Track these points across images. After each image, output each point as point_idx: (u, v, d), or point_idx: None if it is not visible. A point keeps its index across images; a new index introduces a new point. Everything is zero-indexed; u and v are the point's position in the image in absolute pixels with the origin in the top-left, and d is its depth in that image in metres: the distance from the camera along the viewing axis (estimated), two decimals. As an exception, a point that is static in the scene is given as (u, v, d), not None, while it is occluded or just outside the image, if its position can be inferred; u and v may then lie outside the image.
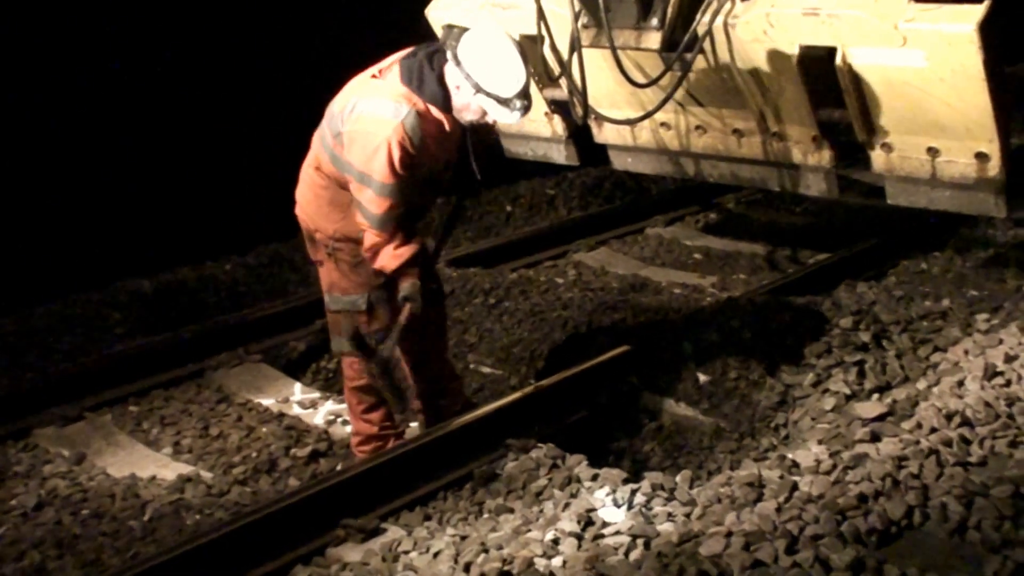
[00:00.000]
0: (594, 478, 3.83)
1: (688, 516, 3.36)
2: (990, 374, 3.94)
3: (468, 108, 3.68)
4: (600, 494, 3.66)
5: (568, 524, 3.35)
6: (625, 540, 3.20)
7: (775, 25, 4.35)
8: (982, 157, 4.18)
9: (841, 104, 4.41)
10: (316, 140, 3.99)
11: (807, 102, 4.50)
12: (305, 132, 4.06)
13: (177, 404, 4.97)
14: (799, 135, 4.70)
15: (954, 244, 6.32)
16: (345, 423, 4.69)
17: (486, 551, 3.30)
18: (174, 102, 6.70)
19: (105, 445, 4.60)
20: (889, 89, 4.20)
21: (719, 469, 4.22)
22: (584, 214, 7.45)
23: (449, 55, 3.60)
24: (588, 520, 3.39)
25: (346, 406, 4.47)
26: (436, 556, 3.39)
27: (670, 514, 3.41)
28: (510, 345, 5.33)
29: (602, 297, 5.79)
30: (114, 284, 6.18)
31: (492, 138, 3.80)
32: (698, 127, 5.08)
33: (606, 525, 3.36)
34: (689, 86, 4.84)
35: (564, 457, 4.04)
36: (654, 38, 4.68)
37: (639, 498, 3.58)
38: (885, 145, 4.42)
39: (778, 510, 3.20)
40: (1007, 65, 4.08)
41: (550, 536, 3.29)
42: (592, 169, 7.71)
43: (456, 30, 3.65)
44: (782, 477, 3.45)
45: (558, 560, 3.14)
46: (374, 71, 3.79)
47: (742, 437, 4.43)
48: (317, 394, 5.02)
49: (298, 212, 4.10)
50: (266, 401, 4.96)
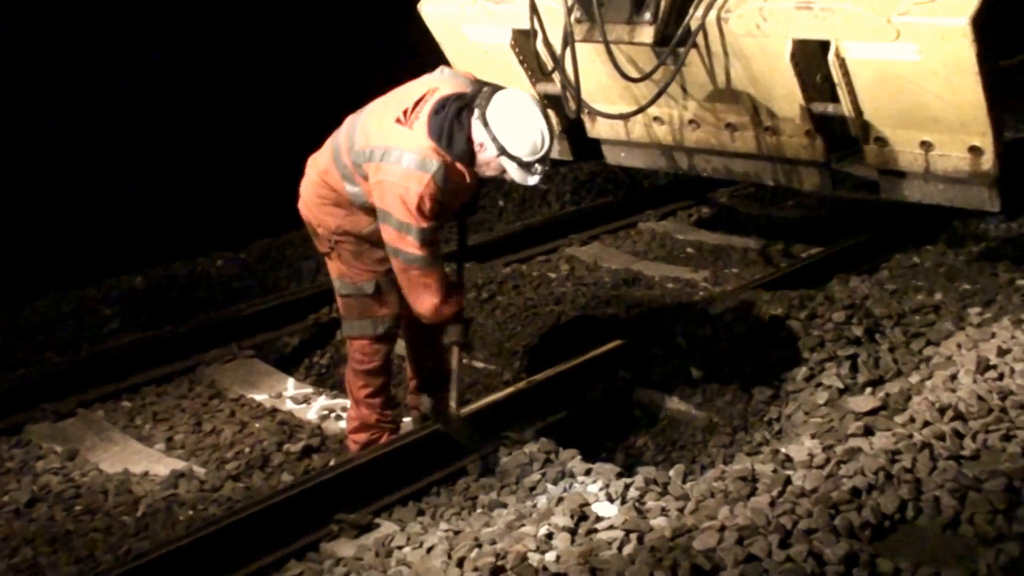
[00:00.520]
0: (587, 472, 3.84)
1: (681, 510, 3.36)
2: (983, 368, 3.95)
3: (489, 165, 3.76)
4: (593, 488, 3.67)
5: (561, 518, 3.35)
6: (618, 534, 3.20)
7: (768, 19, 4.35)
8: (975, 151, 4.19)
9: (834, 98, 4.41)
10: (329, 151, 3.98)
11: (800, 96, 4.50)
12: (300, 130, 4.06)
13: (170, 400, 4.96)
14: (792, 129, 4.70)
15: (946, 238, 6.32)
16: (338, 418, 4.68)
17: (479, 546, 3.30)
18: (169, 99, 6.68)
19: (98, 441, 4.58)
20: (882, 83, 4.20)
21: (712, 463, 4.22)
22: (576, 209, 7.44)
23: (477, 114, 3.66)
24: (581, 514, 3.39)
25: (345, 396, 4.47)
26: (429, 551, 3.39)
27: (663, 508, 3.41)
28: (503, 340, 5.33)
29: (595, 292, 5.80)
30: (107, 280, 6.17)
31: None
32: (691, 121, 5.08)
33: (599, 519, 3.37)
34: (682, 80, 4.84)
35: (557, 451, 4.05)
36: (647, 32, 4.67)
37: (632, 492, 3.59)
38: (878, 139, 4.42)
39: (771, 504, 3.20)
40: (1000, 59, 4.08)
41: (543, 531, 3.29)
42: (584, 164, 7.68)
43: (487, 89, 3.73)
44: (775, 471, 3.45)
45: (551, 554, 3.14)
46: (398, 113, 3.76)
47: (735, 431, 4.43)
48: (310, 389, 5.01)
49: (300, 207, 4.13)
50: (259, 397, 4.95)
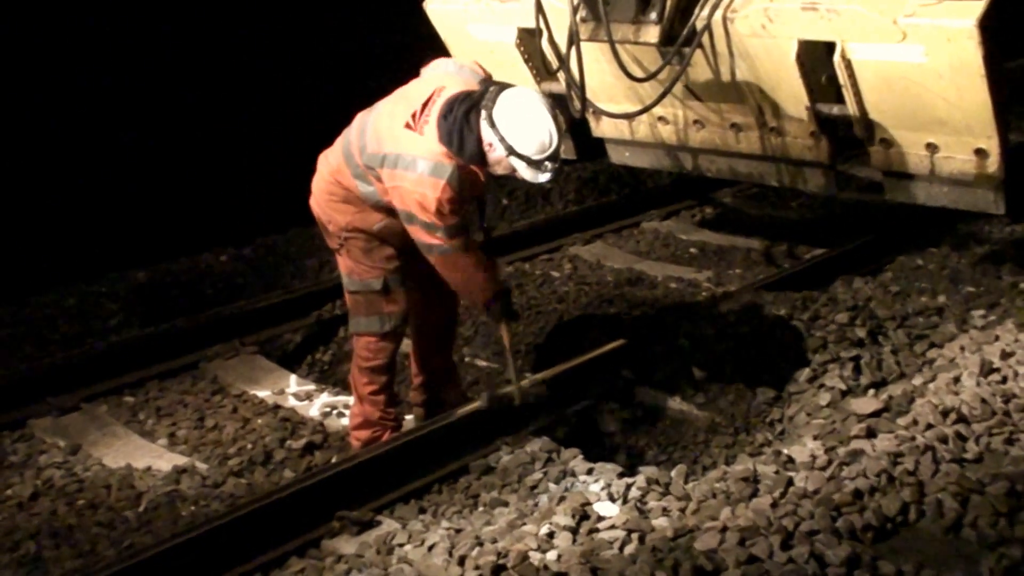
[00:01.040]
0: (589, 472, 3.84)
1: (683, 511, 3.36)
2: (986, 370, 3.94)
3: (500, 164, 3.80)
4: (595, 488, 3.67)
5: (563, 518, 3.35)
6: (620, 534, 3.20)
7: (774, 20, 4.34)
8: (981, 153, 4.18)
9: (840, 99, 4.41)
10: (340, 149, 4.00)
11: (806, 97, 4.50)
12: (302, 128, 4.06)
13: (173, 395, 4.96)
14: (797, 130, 4.70)
15: (950, 240, 6.30)
16: (340, 415, 4.68)
17: (481, 544, 3.30)
18: (172, 97, 6.69)
19: (101, 436, 4.59)
20: (888, 84, 4.19)
21: (714, 464, 4.22)
22: (580, 208, 7.43)
23: (484, 115, 3.68)
24: (583, 514, 3.39)
25: (347, 393, 4.47)
26: (431, 549, 3.39)
27: (665, 508, 3.41)
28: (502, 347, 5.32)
29: (598, 291, 5.79)
30: (110, 275, 6.18)
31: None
32: (696, 122, 5.08)
33: (601, 519, 3.37)
34: (687, 80, 4.83)
35: (559, 451, 4.05)
36: (652, 32, 4.67)
37: (634, 492, 3.59)
38: (884, 141, 4.42)
39: (773, 505, 3.20)
40: (1006, 61, 4.07)
41: (545, 530, 3.29)
42: (588, 163, 7.69)
43: (493, 88, 3.74)
44: (777, 472, 3.45)
45: (553, 554, 3.14)
46: (407, 117, 3.79)
47: (737, 432, 4.43)
48: (312, 386, 5.01)
49: (312, 203, 4.15)
50: (261, 393, 4.95)
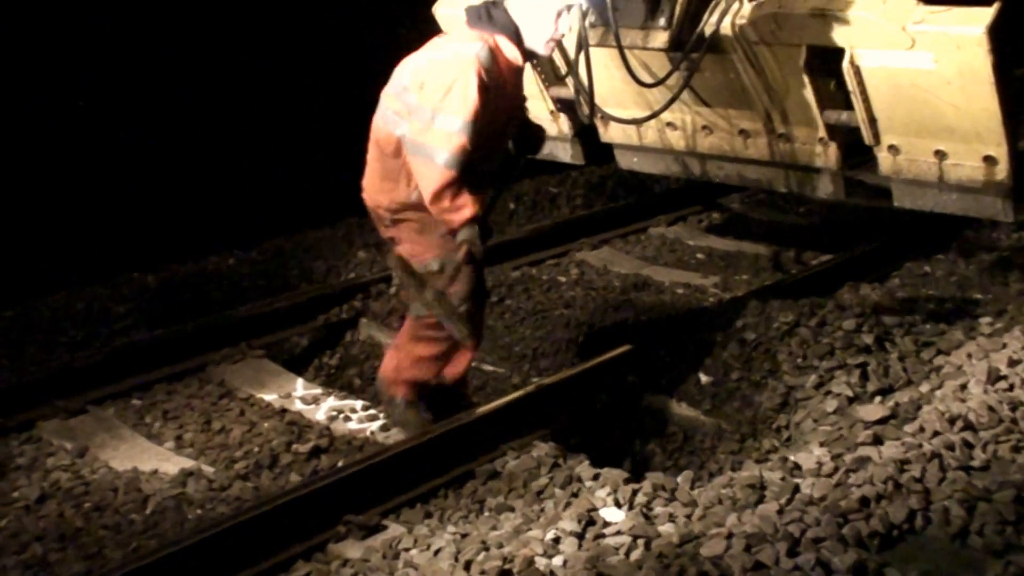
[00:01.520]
0: (595, 478, 3.83)
1: (689, 517, 3.35)
2: (993, 378, 3.93)
3: (542, 19, 3.61)
4: (601, 494, 3.66)
5: (569, 523, 3.34)
6: (626, 540, 3.19)
7: (783, 26, 4.34)
8: (990, 160, 4.17)
9: (848, 105, 4.41)
10: (379, 114, 3.90)
11: (814, 103, 4.50)
12: (307, 130, 4.05)
13: (179, 398, 4.96)
14: (806, 136, 4.70)
15: (958, 247, 6.30)
16: (347, 419, 4.68)
17: (487, 549, 3.30)
18: (177, 99, 6.70)
19: (108, 438, 4.59)
20: (897, 91, 4.19)
21: (720, 470, 4.21)
22: (587, 213, 7.42)
23: None
24: (589, 520, 3.38)
25: (353, 397, 4.53)
26: (437, 554, 3.39)
27: (671, 515, 3.40)
28: (512, 343, 5.33)
29: (604, 296, 5.79)
30: (118, 278, 6.19)
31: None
32: (704, 127, 5.08)
33: (607, 525, 3.36)
34: (696, 86, 4.84)
35: (565, 456, 4.04)
36: (661, 38, 4.68)
37: (640, 498, 3.58)
38: (892, 147, 4.41)
39: (779, 512, 3.19)
40: (1015, 68, 4.07)
41: (551, 535, 3.29)
42: (595, 168, 7.69)
43: None
44: (784, 479, 3.44)
45: (559, 559, 3.14)
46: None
47: (744, 438, 4.42)
48: (319, 390, 5.02)
49: (364, 198, 4.06)
50: (268, 396, 4.96)
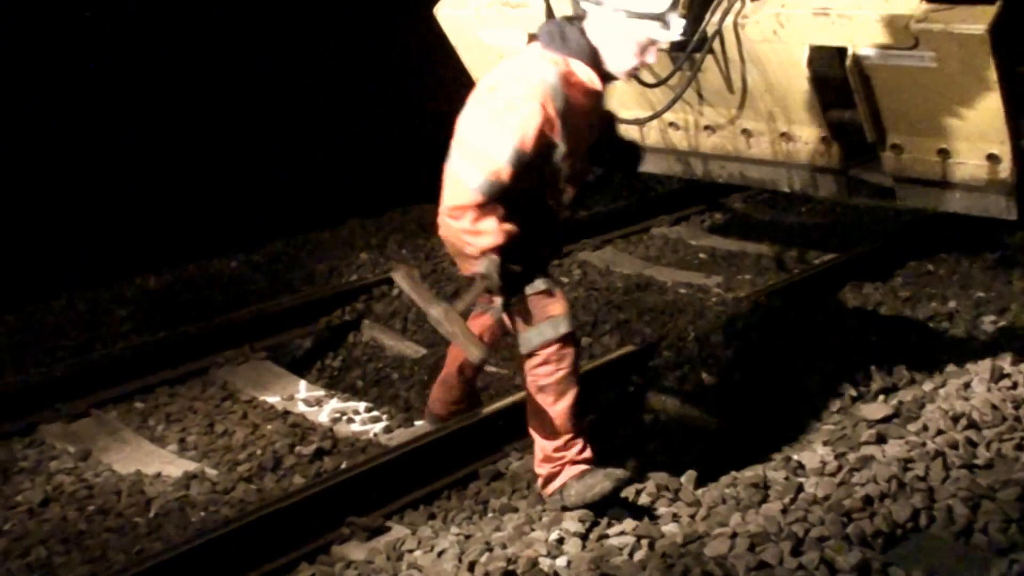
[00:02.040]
0: (599, 478, 3.82)
1: (693, 517, 3.35)
2: (997, 376, 3.93)
3: (623, 48, 3.33)
4: (605, 494, 3.65)
5: (572, 524, 3.35)
6: (629, 540, 3.20)
7: (785, 25, 4.34)
8: (993, 159, 4.16)
9: (851, 105, 4.39)
10: (444, 189, 3.40)
11: (817, 102, 4.49)
12: (310, 132, 4.02)
13: (183, 401, 4.97)
14: (808, 136, 4.69)
15: (961, 245, 6.30)
16: (350, 421, 4.68)
17: (490, 550, 3.30)
18: (178, 100, 6.71)
19: (111, 441, 4.59)
20: (899, 90, 4.18)
21: (724, 470, 4.21)
22: (589, 213, 7.42)
23: (587, 2, 3.30)
24: (592, 520, 3.38)
25: (357, 398, 4.40)
26: (440, 555, 3.38)
27: (675, 515, 3.41)
28: (514, 344, 5.32)
29: (607, 297, 5.78)
30: (120, 281, 6.20)
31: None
32: (707, 127, 5.07)
33: (610, 525, 3.36)
34: (698, 86, 4.83)
35: (569, 457, 4.04)
36: (662, 37, 4.66)
37: (644, 498, 3.58)
38: (895, 146, 4.40)
39: (783, 511, 3.19)
40: (1018, 66, 4.06)
41: (554, 536, 3.29)
42: (597, 168, 7.67)
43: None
44: (787, 478, 3.44)
45: (562, 560, 3.14)
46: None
47: (747, 438, 4.42)
48: (322, 392, 5.02)
49: (440, 233, 3.52)
50: (271, 399, 4.96)
